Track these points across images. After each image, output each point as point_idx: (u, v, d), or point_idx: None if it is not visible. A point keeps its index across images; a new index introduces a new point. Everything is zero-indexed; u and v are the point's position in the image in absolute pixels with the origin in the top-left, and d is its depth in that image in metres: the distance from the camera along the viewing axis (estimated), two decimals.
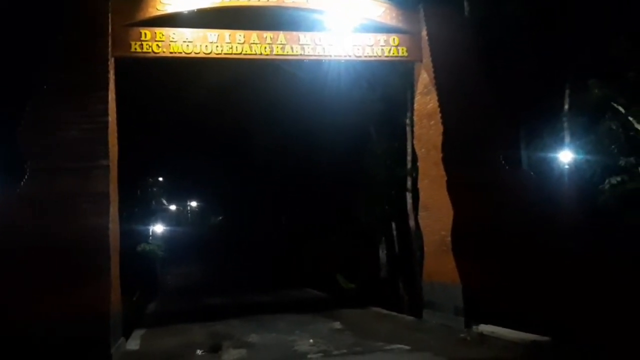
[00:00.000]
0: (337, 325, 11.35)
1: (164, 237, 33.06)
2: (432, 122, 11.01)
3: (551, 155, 12.80)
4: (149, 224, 28.22)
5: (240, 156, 26.40)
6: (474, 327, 9.12)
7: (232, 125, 22.49)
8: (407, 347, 8.54)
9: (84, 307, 8.55)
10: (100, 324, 8.65)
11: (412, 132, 12.67)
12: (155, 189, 35.97)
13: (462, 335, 9.10)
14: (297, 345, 9.29)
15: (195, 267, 29.58)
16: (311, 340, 9.57)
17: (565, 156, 12.27)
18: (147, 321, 13.72)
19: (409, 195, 14.59)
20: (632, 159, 10.78)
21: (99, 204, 9.03)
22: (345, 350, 8.61)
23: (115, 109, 9.98)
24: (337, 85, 13.97)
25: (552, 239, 9.95)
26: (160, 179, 36.80)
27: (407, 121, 13.73)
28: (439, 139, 10.75)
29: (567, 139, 12.67)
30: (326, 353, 8.52)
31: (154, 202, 35.32)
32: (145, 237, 26.37)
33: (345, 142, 17.48)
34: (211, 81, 15.46)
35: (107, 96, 9.50)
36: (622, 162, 10.95)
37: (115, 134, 10.07)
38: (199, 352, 9.36)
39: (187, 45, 10.37)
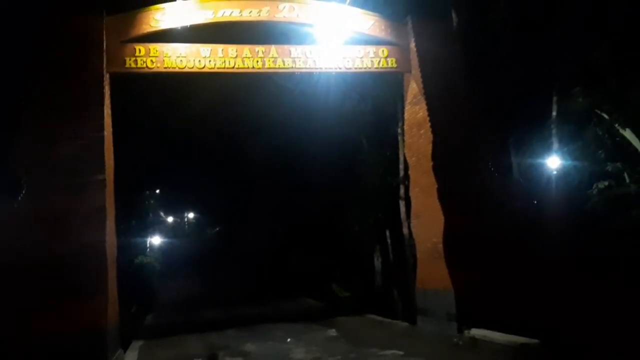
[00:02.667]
0: (332, 332, 11.51)
1: (161, 249, 33.13)
2: (422, 131, 11.23)
3: (540, 161, 12.99)
4: (146, 236, 28.29)
5: (234, 168, 26.57)
6: (466, 331, 9.28)
7: (226, 137, 22.68)
8: (400, 353, 8.70)
9: (81, 322, 8.65)
10: (98, 338, 8.75)
11: (404, 141, 12.87)
12: (152, 202, 36.06)
13: (454, 340, 9.26)
14: (292, 353, 9.44)
15: (192, 279, 29.64)
16: (306, 349, 9.72)
17: (553, 162, 12.48)
18: (145, 333, 13.84)
19: (402, 204, 14.76)
20: (618, 164, 10.96)
21: (95, 218, 9.17)
22: (339, 357, 8.77)
23: (110, 124, 10.16)
24: (328, 96, 14.22)
25: (540, 244, 10.14)
26: (158, 191, 36.88)
27: (399, 130, 13.94)
28: (428, 148, 10.97)
29: (555, 146, 12.88)
30: None
31: (151, 215, 35.38)
32: (142, 249, 26.45)
33: (338, 152, 17.68)
34: (205, 95, 15.66)
35: (103, 112, 9.67)
36: (609, 168, 11.13)
37: (111, 149, 10.24)
38: None
39: (181, 60, 10.58)
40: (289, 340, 10.75)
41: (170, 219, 42.96)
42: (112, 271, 9.68)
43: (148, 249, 27.13)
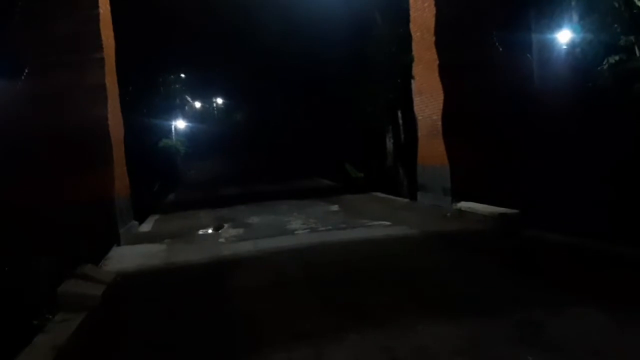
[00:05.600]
0: (335, 207, 11.98)
1: (188, 134, 33.91)
2: (426, 4, 10.82)
3: (555, 35, 12.40)
4: (171, 120, 28.86)
5: (254, 53, 26.21)
6: (455, 204, 9.55)
7: (244, 21, 22.23)
8: (387, 223, 9.11)
9: (90, 195, 9.25)
10: (107, 207, 9.37)
11: None
12: (178, 86, 36.28)
13: (443, 212, 9.57)
14: (290, 224, 9.96)
15: (217, 162, 30.60)
16: (304, 220, 10.24)
17: (565, 36, 11.91)
18: (163, 209, 14.66)
19: (413, 82, 14.54)
20: (632, 38, 10.41)
21: (96, 96, 9.43)
22: (330, 227, 9.24)
23: (108, 2, 10.12)
24: None
25: (540, 121, 10.03)
26: (183, 75, 36.88)
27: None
28: (432, 22, 10.63)
29: (574, 19, 12.22)
30: (313, 229, 9.17)
31: (177, 99, 35.80)
32: (167, 133, 27.15)
33: (350, 29, 17.21)
34: None
35: None
36: (622, 41, 10.60)
37: (110, 26, 10.27)
38: (200, 231, 10.16)
39: None
40: (294, 213, 11.29)
41: (198, 104, 43.36)
42: (118, 148, 10.14)
43: (173, 133, 27.80)
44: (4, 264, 7.22)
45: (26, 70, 9.36)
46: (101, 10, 9.62)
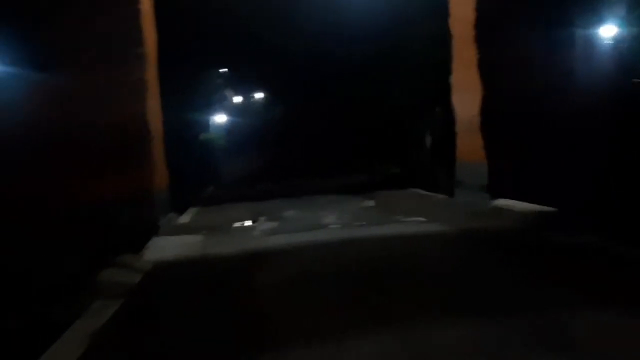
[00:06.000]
0: (370, 203, 11.98)
1: (227, 127, 34.36)
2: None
3: (600, 30, 12.01)
4: (211, 114, 29.30)
5: (294, 48, 26.30)
6: (492, 202, 9.41)
7: (285, 16, 22.35)
8: (422, 220, 9.06)
9: (131, 186, 9.49)
10: (147, 200, 9.62)
11: None
12: (220, 80, 36.79)
13: (480, 209, 9.43)
14: (324, 219, 10.00)
15: (255, 155, 30.79)
16: (338, 215, 10.27)
17: (610, 31, 11.52)
18: (202, 201, 14.97)
19: (452, 78, 14.36)
20: None
21: (136, 91, 9.67)
22: (364, 223, 9.25)
23: None
24: None
25: (582, 119, 9.74)
26: (224, 70, 37.30)
27: None
28: (472, 17, 10.48)
29: (620, 13, 11.82)
30: (346, 225, 9.20)
31: (218, 93, 36.32)
32: (207, 126, 27.60)
33: (389, 20, 17.09)
34: None
35: None
36: None
37: (152, 22, 10.52)
38: (236, 224, 10.33)
39: None
40: (328, 208, 11.33)
41: (237, 99, 43.84)
42: (158, 142, 10.39)
43: (213, 127, 28.23)
44: (50, 251, 7.51)
45: (68, 65, 9.66)
46: (143, 6, 9.86)
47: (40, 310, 4.91)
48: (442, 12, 13.88)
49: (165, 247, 7.99)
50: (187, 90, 21.76)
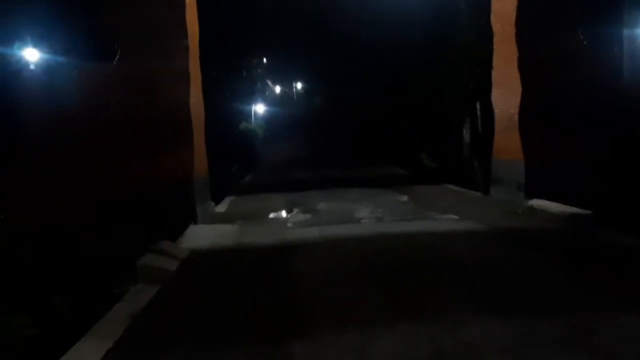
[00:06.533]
0: (404, 198, 12.02)
1: (267, 117, 34.77)
2: None
3: None
4: (251, 104, 29.72)
5: (335, 38, 26.42)
6: (528, 201, 9.34)
7: (325, 6, 22.46)
8: (455, 217, 9.07)
9: (172, 174, 9.81)
10: (186, 188, 9.91)
11: None
12: (260, 70, 37.16)
13: (515, 208, 9.38)
14: (358, 212, 10.13)
15: (294, 145, 31.13)
16: (372, 209, 10.37)
17: None
18: (239, 190, 15.27)
19: (492, 74, 14.21)
20: None
21: (179, 81, 9.96)
22: (397, 218, 9.33)
23: None
24: None
25: (628, 119, 9.52)
26: (265, 60, 37.64)
27: None
28: (513, 14, 10.35)
29: None
30: (379, 219, 9.30)
31: (258, 83, 36.72)
32: (248, 116, 28.02)
33: (430, 17, 16.98)
34: None
35: None
36: None
37: (195, 13, 10.77)
38: (271, 214, 10.56)
39: None
40: (363, 202, 11.44)
41: (278, 89, 44.23)
42: (199, 131, 10.66)
43: (253, 116, 28.66)
44: (96, 236, 7.87)
45: (117, 54, 10.01)
46: (187, 0, 10.11)
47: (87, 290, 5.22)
48: (485, 8, 13.75)
49: (202, 236, 8.26)
50: (228, 79, 22.15)
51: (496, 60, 11.48)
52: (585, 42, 10.02)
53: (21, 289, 5.12)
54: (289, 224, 9.37)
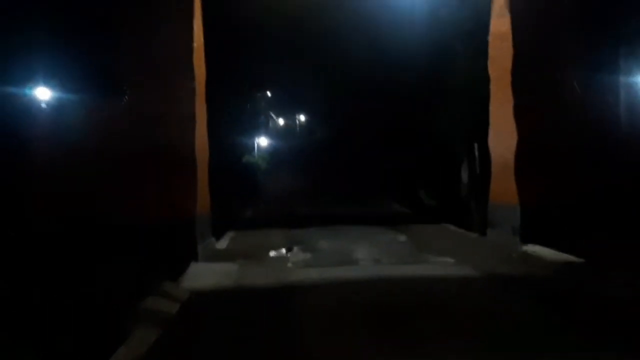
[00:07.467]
0: (403, 238, 12.21)
1: (270, 150, 35.14)
2: (505, 45, 10.90)
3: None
4: (255, 137, 30.09)
5: (339, 75, 26.93)
6: (523, 246, 9.54)
7: (322, 49, 22.99)
8: (451, 261, 9.25)
9: (174, 212, 10.01)
10: (188, 226, 10.10)
11: None
12: (264, 103, 37.70)
13: (510, 253, 9.56)
14: (357, 253, 10.33)
15: (296, 178, 31.49)
16: (370, 250, 10.57)
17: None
18: (241, 225, 15.47)
19: (490, 117, 14.54)
20: None
21: (185, 121, 10.26)
22: (394, 260, 9.53)
23: (202, 35, 11.01)
24: (418, 7, 13.92)
25: (624, 166, 9.76)
26: (269, 93, 38.21)
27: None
28: (509, 62, 10.72)
29: None
30: (377, 261, 9.50)
31: (262, 116, 37.21)
32: (251, 149, 28.35)
33: (429, 58, 17.45)
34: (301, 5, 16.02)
35: (192, 23, 10.45)
36: None
37: (203, 59, 11.14)
38: (272, 253, 10.75)
39: None
40: (361, 241, 11.63)
41: (281, 121, 44.75)
42: (202, 169, 10.91)
43: (256, 149, 28.97)
44: (97, 281, 8.04)
45: (126, 94, 10.34)
46: (195, 44, 10.49)
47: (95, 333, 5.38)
48: (483, 53, 14.16)
49: (202, 275, 8.43)
50: (233, 114, 22.55)
51: (492, 105, 11.81)
52: (579, 90, 10.38)
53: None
54: (289, 264, 9.55)
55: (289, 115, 47.46)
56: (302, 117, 48.77)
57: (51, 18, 8.29)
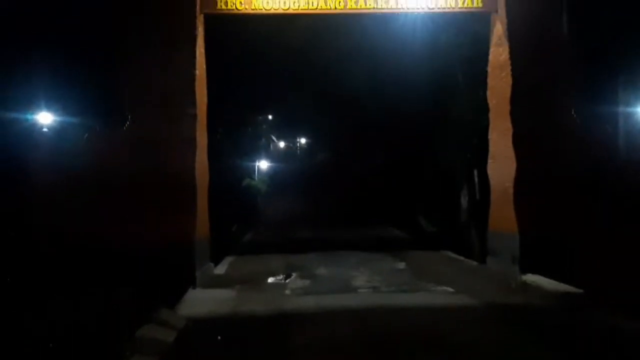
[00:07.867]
0: (402, 265, 12.18)
1: (270, 173, 35.23)
2: (503, 74, 11.02)
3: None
4: (256, 160, 30.22)
5: (340, 100, 27.17)
6: (522, 276, 9.51)
7: (323, 75, 23.22)
8: (451, 290, 9.22)
9: (173, 238, 10.01)
10: (187, 252, 10.08)
11: None
12: (264, 127, 37.94)
13: (509, 283, 9.53)
14: (355, 280, 10.30)
15: (296, 202, 31.51)
16: (369, 277, 10.53)
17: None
18: (240, 250, 15.44)
19: (489, 145, 14.62)
20: None
21: (186, 148, 10.32)
22: (393, 288, 9.48)
23: (203, 63, 11.13)
24: (417, 34, 14.09)
25: (623, 196, 9.79)
26: (270, 117, 38.46)
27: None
28: (508, 91, 10.81)
29: None
30: (376, 289, 9.46)
31: (263, 139, 37.42)
32: (252, 172, 28.44)
33: (430, 88, 17.62)
34: (294, 36, 16.22)
35: (195, 51, 10.56)
36: None
37: (204, 86, 11.26)
38: (270, 279, 10.71)
39: (267, 2, 11.15)
40: (360, 268, 11.60)
41: (282, 144, 44.98)
42: (202, 195, 10.93)
43: (256, 173, 29.07)
44: (93, 308, 8.01)
45: (127, 121, 10.45)
46: (197, 72, 10.61)
47: None
48: (482, 83, 14.30)
49: (199, 302, 8.42)
50: (233, 138, 22.70)
51: (492, 134, 11.88)
52: (578, 119, 10.46)
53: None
54: (287, 291, 9.51)
55: (290, 138, 47.76)
56: (303, 140, 49.05)
57: (57, 48, 8.44)
